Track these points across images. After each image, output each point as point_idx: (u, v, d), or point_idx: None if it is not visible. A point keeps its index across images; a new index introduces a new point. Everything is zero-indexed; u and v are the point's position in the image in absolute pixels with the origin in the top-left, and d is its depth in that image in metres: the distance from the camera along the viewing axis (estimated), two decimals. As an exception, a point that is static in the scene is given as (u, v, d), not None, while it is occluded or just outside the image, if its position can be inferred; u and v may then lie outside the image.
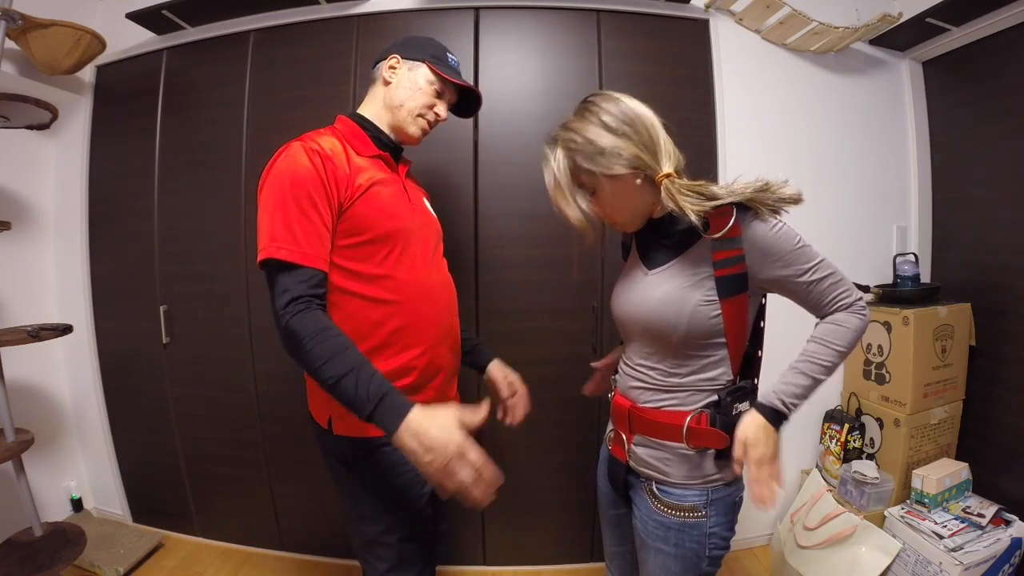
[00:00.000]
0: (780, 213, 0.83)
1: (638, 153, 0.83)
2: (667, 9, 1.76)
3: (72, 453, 2.11)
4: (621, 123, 0.84)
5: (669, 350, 0.88)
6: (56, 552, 1.51)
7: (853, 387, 1.86)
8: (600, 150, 0.83)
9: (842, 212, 1.89)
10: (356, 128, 1.05)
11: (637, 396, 0.93)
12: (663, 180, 0.84)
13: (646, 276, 0.92)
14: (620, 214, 0.91)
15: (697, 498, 0.88)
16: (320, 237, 0.90)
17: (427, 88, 1.05)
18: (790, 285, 0.85)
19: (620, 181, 0.85)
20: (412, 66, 1.06)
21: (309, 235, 0.88)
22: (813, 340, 0.86)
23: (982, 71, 1.72)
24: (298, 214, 0.88)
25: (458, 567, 1.88)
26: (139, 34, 1.87)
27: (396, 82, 1.06)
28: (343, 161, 0.95)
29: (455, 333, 1.11)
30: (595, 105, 0.86)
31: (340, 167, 0.93)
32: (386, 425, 0.78)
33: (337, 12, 1.76)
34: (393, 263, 0.97)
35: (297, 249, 0.87)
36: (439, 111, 1.08)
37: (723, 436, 0.85)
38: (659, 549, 0.91)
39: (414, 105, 1.05)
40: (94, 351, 2.03)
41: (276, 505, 1.92)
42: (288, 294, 0.84)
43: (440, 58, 1.08)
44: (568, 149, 0.86)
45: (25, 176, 1.96)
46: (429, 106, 1.06)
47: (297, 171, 0.90)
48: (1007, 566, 1.47)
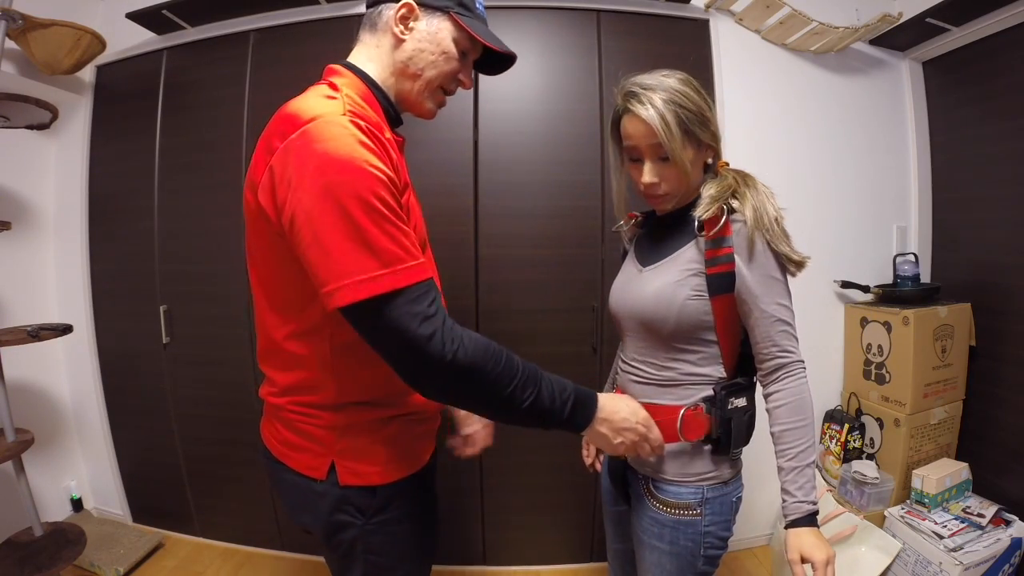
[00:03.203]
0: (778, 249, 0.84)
1: (717, 131, 0.87)
2: (667, 9, 1.76)
3: (72, 453, 2.11)
4: (703, 97, 0.85)
5: (661, 343, 0.89)
6: (56, 552, 1.51)
7: (853, 387, 1.86)
8: (705, 120, 0.84)
9: (842, 212, 1.89)
10: (370, 95, 0.78)
11: (634, 391, 0.94)
12: (725, 165, 0.89)
13: (640, 273, 0.93)
14: (679, 187, 0.87)
15: (692, 496, 0.89)
16: (416, 240, 0.69)
17: (453, 49, 0.79)
18: (751, 306, 0.84)
19: (698, 154, 0.86)
20: (431, 19, 0.78)
21: (413, 241, 0.67)
22: (786, 429, 0.85)
23: (982, 71, 1.72)
24: (397, 226, 0.65)
25: (458, 567, 1.88)
26: (139, 34, 1.87)
27: (413, 41, 0.78)
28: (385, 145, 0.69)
29: None
30: (681, 73, 0.85)
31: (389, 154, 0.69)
32: (578, 422, 0.74)
33: (337, 12, 1.76)
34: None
35: (422, 270, 0.66)
36: (463, 79, 0.84)
37: (708, 420, 0.87)
38: (654, 546, 0.91)
39: (436, 74, 0.79)
40: (94, 351, 2.03)
41: (276, 505, 1.91)
42: (430, 323, 0.63)
43: (467, 5, 0.80)
44: (672, 103, 0.80)
45: (25, 176, 1.96)
46: (452, 73, 0.81)
47: (369, 179, 0.63)
48: (1007, 566, 1.47)
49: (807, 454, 0.84)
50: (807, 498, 0.84)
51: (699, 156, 0.86)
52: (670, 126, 0.80)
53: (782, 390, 0.86)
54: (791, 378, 0.86)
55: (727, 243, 0.83)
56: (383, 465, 0.77)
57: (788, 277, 0.86)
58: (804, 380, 0.86)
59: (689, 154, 0.83)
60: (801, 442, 0.85)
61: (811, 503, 0.84)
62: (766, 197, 0.84)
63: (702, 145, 0.86)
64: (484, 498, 1.84)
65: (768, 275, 0.84)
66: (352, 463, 0.77)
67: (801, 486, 0.84)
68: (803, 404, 0.85)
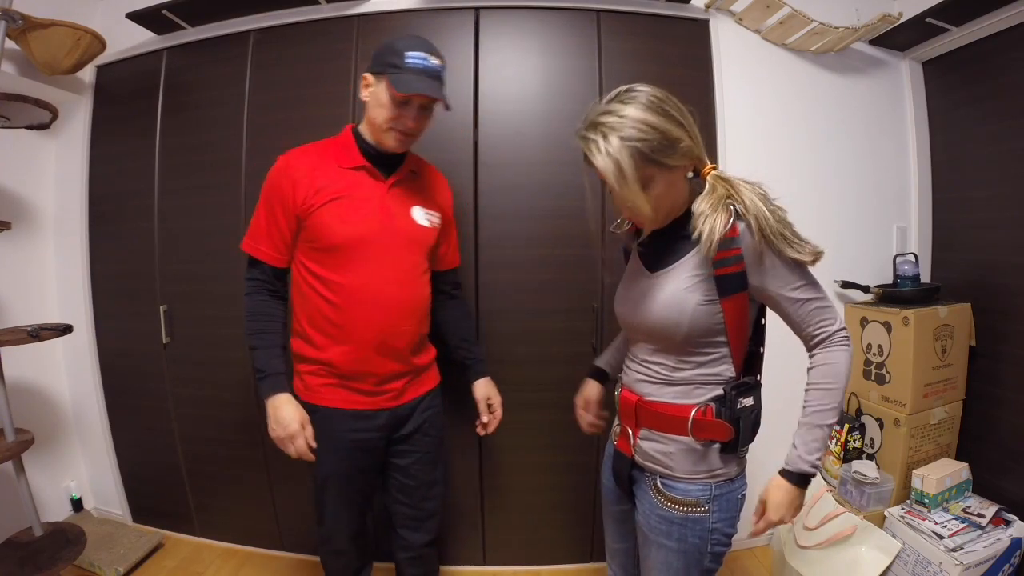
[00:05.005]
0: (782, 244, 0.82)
1: (692, 145, 0.82)
2: (667, 9, 1.76)
3: (72, 453, 2.11)
4: (680, 112, 0.81)
5: (673, 348, 0.89)
6: (56, 552, 1.51)
7: (853, 387, 1.86)
8: (671, 141, 0.78)
9: (842, 212, 1.89)
10: (350, 139, 1.17)
11: (643, 390, 0.94)
12: (711, 172, 0.85)
13: (648, 278, 0.92)
14: (663, 208, 0.87)
15: (700, 493, 0.89)
16: (279, 238, 1.15)
17: (389, 103, 1.08)
18: (776, 298, 0.85)
19: (675, 174, 0.83)
20: (378, 80, 1.09)
21: (274, 237, 1.15)
22: (812, 388, 0.87)
23: (982, 71, 1.72)
24: (266, 217, 1.15)
25: (458, 567, 1.88)
26: (139, 34, 1.87)
27: (369, 99, 1.11)
28: (307, 174, 1.11)
29: (394, 342, 1.17)
30: (645, 94, 0.80)
31: (302, 179, 1.11)
32: (262, 392, 1.15)
33: (337, 12, 1.76)
34: (342, 270, 1.12)
35: (255, 245, 1.17)
36: (407, 122, 1.10)
37: (728, 428, 0.86)
38: (661, 544, 0.91)
39: (382, 121, 1.10)
40: (94, 351, 2.03)
41: (276, 505, 1.91)
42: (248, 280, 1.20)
43: (397, 64, 1.05)
44: (629, 139, 0.76)
45: (25, 176, 1.96)
46: (395, 118, 1.09)
47: (270, 178, 1.15)
48: (1007, 566, 1.47)
49: (824, 416, 0.85)
50: (808, 456, 0.84)
51: (674, 176, 0.83)
52: (624, 172, 0.77)
53: (819, 355, 0.87)
54: (832, 348, 0.86)
55: (735, 244, 0.82)
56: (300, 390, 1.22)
57: None
58: (844, 350, 0.86)
59: (659, 184, 0.81)
60: (822, 403, 0.85)
61: (810, 464, 0.84)
62: (762, 201, 0.82)
63: (674, 167, 0.82)
64: (484, 498, 1.84)
65: (782, 267, 0.83)
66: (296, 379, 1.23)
67: (806, 442, 0.85)
68: (836, 370, 0.85)
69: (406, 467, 1.30)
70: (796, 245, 0.82)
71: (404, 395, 1.24)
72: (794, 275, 0.84)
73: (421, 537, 1.37)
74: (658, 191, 0.82)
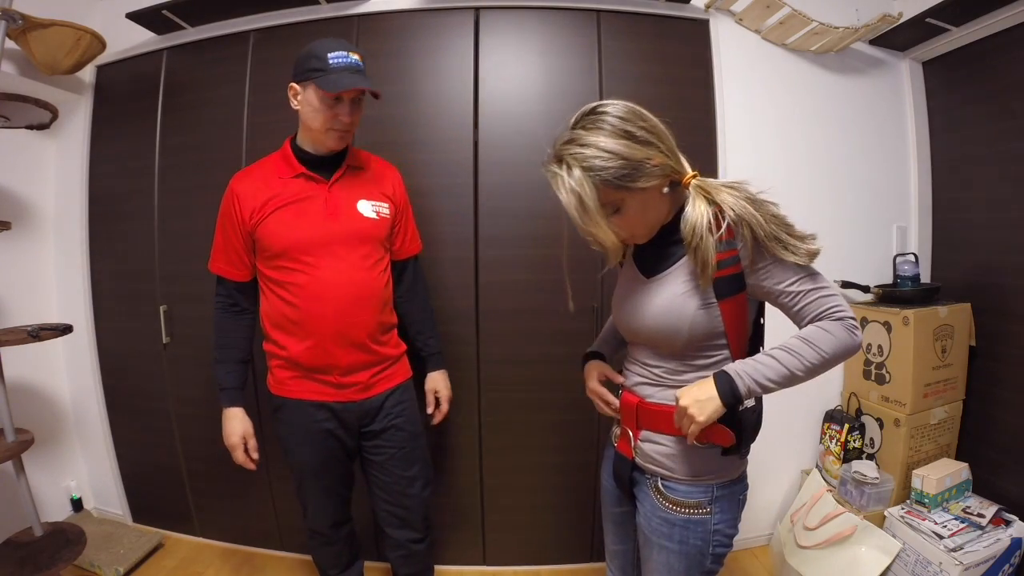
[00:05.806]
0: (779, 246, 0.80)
1: (666, 160, 0.80)
2: (667, 9, 1.76)
3: (72, 453, 2.11)
4: (644, 131, 0.79)
5: (674, 352, 0.89)
6: (56, 552, 1.51)
7: (853, 387, 1.86)
8: (636, 164, 0.77)
9: (842, 212, 1.89)
10: (288, 151, 1.25)
11: (644, 392, 0.93)
12: (691, 181, 0.83)
13: (645, 284, 0.92)
14: (642, 227, 0.86)
15: (702, 495, 0.89)
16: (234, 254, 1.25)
17: (321, 105, 1.14)
18: (775, 293, 0.83)
19: (648, 193, 0.81)
20: (304, 87, 1.16)
21: (229, 254, 1.26)
22: (797, 336, 0.82)
23: (982, 71, 1.72)
24: (221, 238, 1.27)
25: (458, 567, 1.88)
26: (139, 34, 1.87)
27: (300, 107, 1.18)
28: (251, 192, 1.21)
29: (352, 333, 1.23)
30: (608, 115, 0.79)
31: (246, 199, 1.21)
32: (221, 403, 1.30)
33: (337, 12, 1.76)
34: (294, 272, 1.20)
35: (215, 264, 1.29)
36: (343, 118, 1.16)
37: (729, 432, 0.85)
38: (663, 546, 0.91)
39: (319, 124, 1.16)
40: (94, 351, 2.03)
41: (276, 505, 1.91)
42: (215, 297, 1.32)
43: (321, 68, 1.11)
44: (591, 169, 0.76)
45: (25, 176, 1.96)
46: (331, 118, 1.16)
47: (222, 205, 1.26)
48: (1007, 566, 1.47)
49: (794, 362, 0.79)
50: (751, 377, 0.79)
51: (647, 195, 0.81)
52: (585, 204, 0.77)
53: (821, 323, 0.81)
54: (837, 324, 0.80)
55: (731, 246, 0.81)
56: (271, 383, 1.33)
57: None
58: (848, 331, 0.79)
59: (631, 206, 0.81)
60: (799, 351, 0.79)
61: (745, 385, 0.78)
62: (749, 203, 0.80)
63: (646, 188, 0.80)
64: (484, 498, 1.84)
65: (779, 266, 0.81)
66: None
67: (760, 362, 0.80)
68: (829, 337, 0.79)
69: (382, 463, 1.34)
70: (792, 247, 0.79)
71: (372, 388, 1.29)
72: (791, 271, 0.82)
73: (407, 534, 1.39)
74: (631, 213, 0.82)
